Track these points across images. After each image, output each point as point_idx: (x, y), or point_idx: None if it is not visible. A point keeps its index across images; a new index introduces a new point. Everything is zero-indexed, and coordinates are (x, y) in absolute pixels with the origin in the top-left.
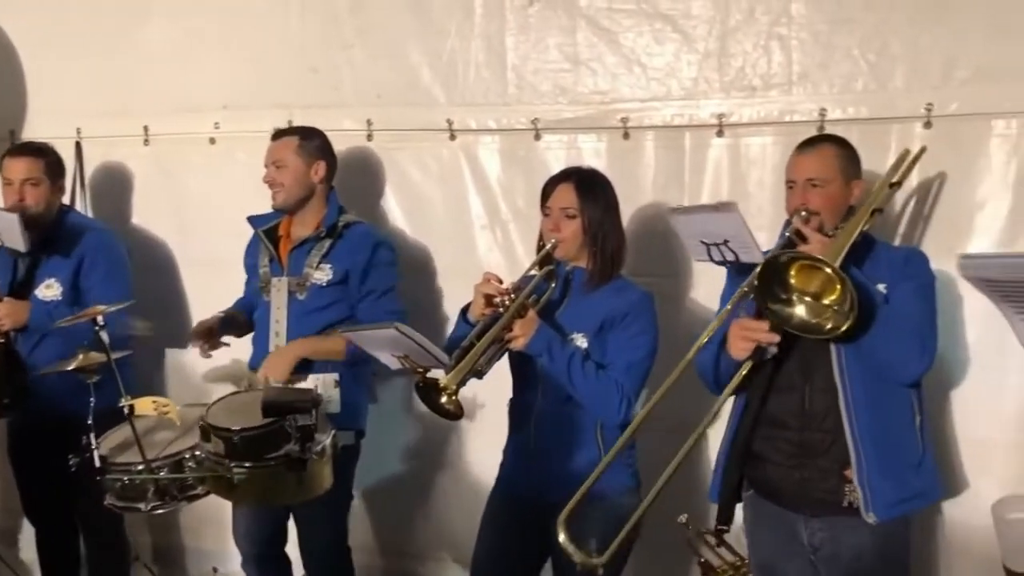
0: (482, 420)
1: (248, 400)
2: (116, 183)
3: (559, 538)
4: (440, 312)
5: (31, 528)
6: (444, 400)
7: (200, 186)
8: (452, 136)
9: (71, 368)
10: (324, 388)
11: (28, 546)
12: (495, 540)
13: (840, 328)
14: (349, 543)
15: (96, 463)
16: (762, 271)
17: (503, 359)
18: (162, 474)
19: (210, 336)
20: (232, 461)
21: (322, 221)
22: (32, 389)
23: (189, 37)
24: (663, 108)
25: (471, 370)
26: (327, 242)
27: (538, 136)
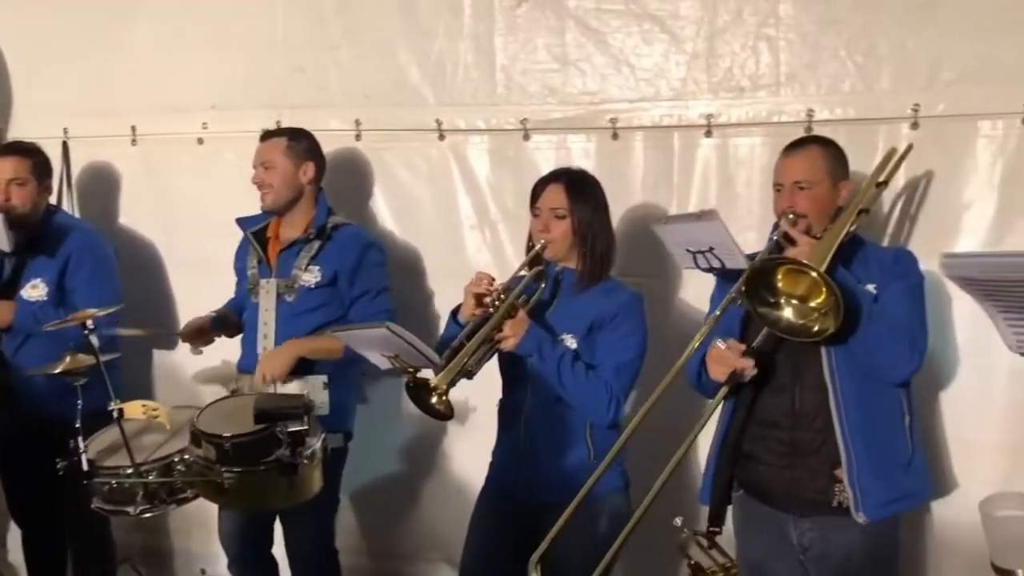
0: (471, 421)
1: (238, 405)
2: (103, 183)
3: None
4: (429, 312)
5: (19, 530)
6: (434, 400)
7: (188, 187)
8: (441, 136)
9: (58, 371)
10: (312, 391)
11: (17, 548)
12: (484, 540)
13: (826, 331)
14: (336, 545)
15: (84, 467)
16: (749, 277)
17: (493, 359)
18: (151, 478)
19: (201, 335)
20: (222, 466)
21: (311, 222)
22: (17, 390)
23: (177, 37)
24: (652, 109)
25: (461, 370)
26: (316, 244)
27: (527, 136)
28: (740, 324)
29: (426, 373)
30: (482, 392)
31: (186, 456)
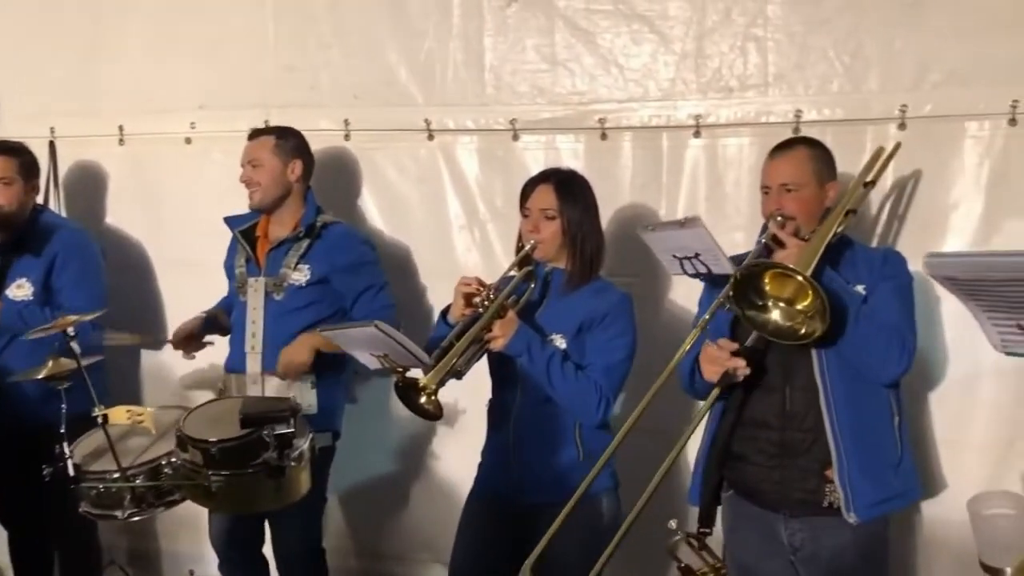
0: (460, 421)
1: (224, 409)
2: (90, 183)
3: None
4: (418, 312)
5: (5, 532)
6: (423, 400)
7: (176, 186)
8: (430, 136)
9: (41, 376)
10: (300, 391)
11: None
12: (474, 540)
13: (813, 334)
14: (324, 545)
15: (70, 472)
16: (736, 281)
17: (482, 359)
18: (138, 482)
19: (191, 341)
20: (210, 470)
21: (300, 221)
22: (1, 394)
23: (165, 36)
24: (640, 109)
25: (451, 370)
26: (305, 242)
27: (516, 136)
28: (729, 326)
29: (415, 373)
30: (471, 392)
31: (173, 459)
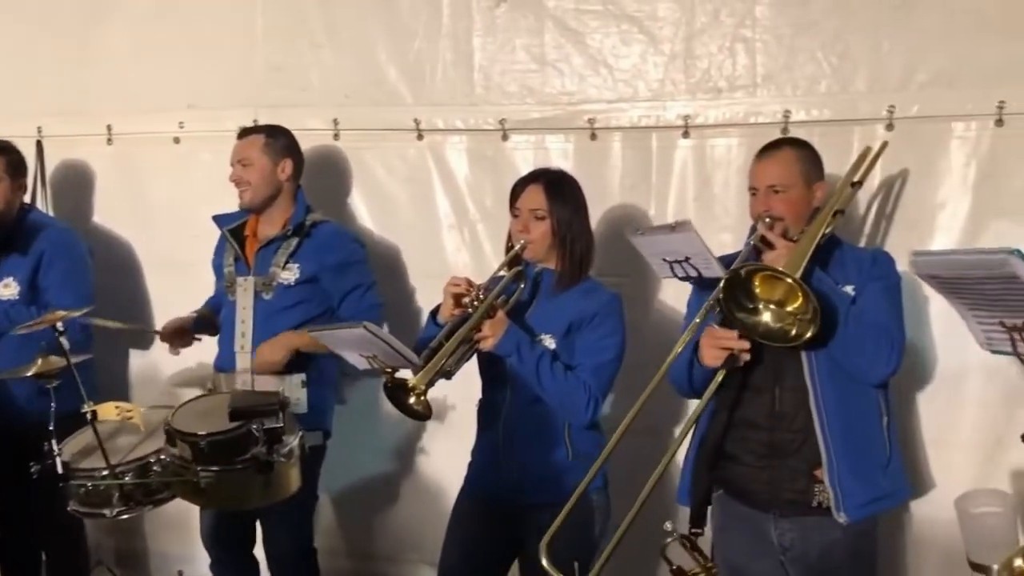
0: (450, 421)
1: (214, 404)
2: (78, 182)
3: (542, 562)
4: (408, 312)
5: None
6: (412, 400)
7: (164, 186)
8: (419, 136)
9: (30, 374)
10: (290, 389)
11: None
12: (463, 540)
13: (804, 336)
14: (315, 545)
15: (59, 469)
16: (726, 284)
17: (472, 359)
18: (127, 479)
19: (181, 336)
20: (199, 465)
21: (289, 220)
22: None
23: (154, 35)
24: (630, 109)
25: (440, 370)
26: (294, 241)
27: (505, 136)
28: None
29: (405, 373)
30: (462, 392)
31: (162, 456)
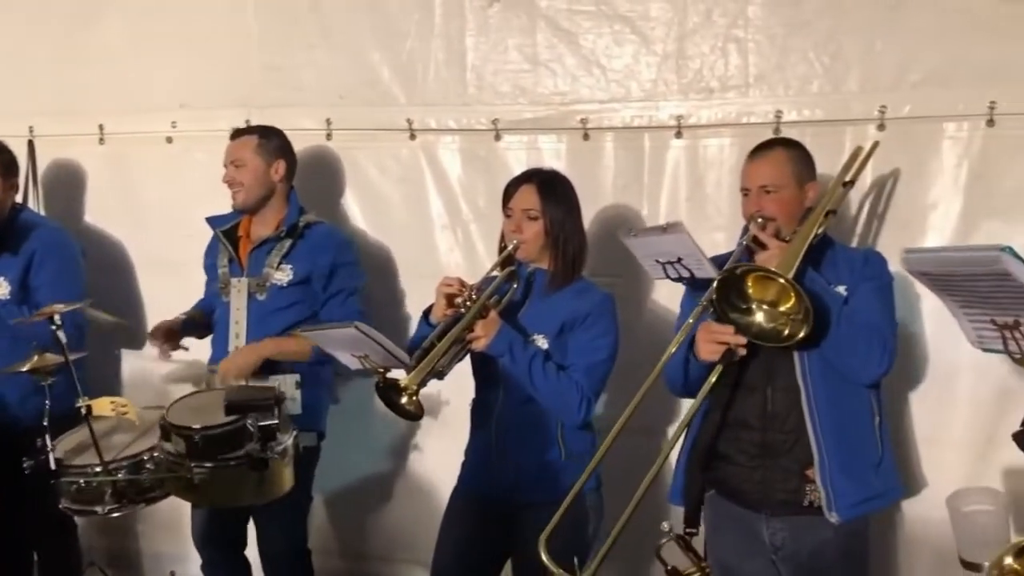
0: (443, 421)
1: (208, 400)
2: (70, 182)
3: (542, 557)
4: (400, 312)
5: None
6: (404, 400)
7: (157, 186)
8: (412, 136)
9: (25, 369)
10: (285, 389)
11: None
12: (456, 540)
13: (796, 336)
14: (309, 545)
15: (51, 465)
16: (719, 285)
17: (465, 360)
18: (120, 475)
19: (171, 337)
20: (192, 461)
21: (283, 221)
22: None
23: (146, 34)
24: (622, 109)
25: (432, 370)
26: (287, 242)
27: (498, 136)
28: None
29: (397, 373)
30: (455, 391)
31: (156, 454)
